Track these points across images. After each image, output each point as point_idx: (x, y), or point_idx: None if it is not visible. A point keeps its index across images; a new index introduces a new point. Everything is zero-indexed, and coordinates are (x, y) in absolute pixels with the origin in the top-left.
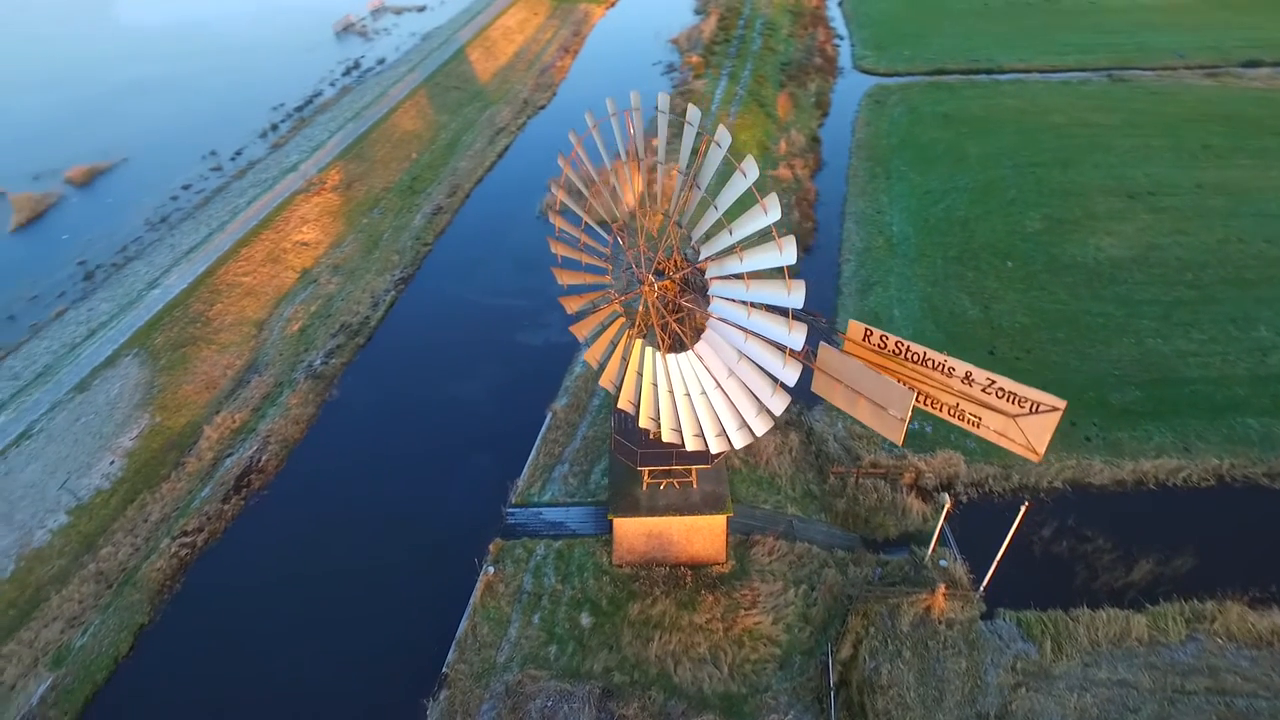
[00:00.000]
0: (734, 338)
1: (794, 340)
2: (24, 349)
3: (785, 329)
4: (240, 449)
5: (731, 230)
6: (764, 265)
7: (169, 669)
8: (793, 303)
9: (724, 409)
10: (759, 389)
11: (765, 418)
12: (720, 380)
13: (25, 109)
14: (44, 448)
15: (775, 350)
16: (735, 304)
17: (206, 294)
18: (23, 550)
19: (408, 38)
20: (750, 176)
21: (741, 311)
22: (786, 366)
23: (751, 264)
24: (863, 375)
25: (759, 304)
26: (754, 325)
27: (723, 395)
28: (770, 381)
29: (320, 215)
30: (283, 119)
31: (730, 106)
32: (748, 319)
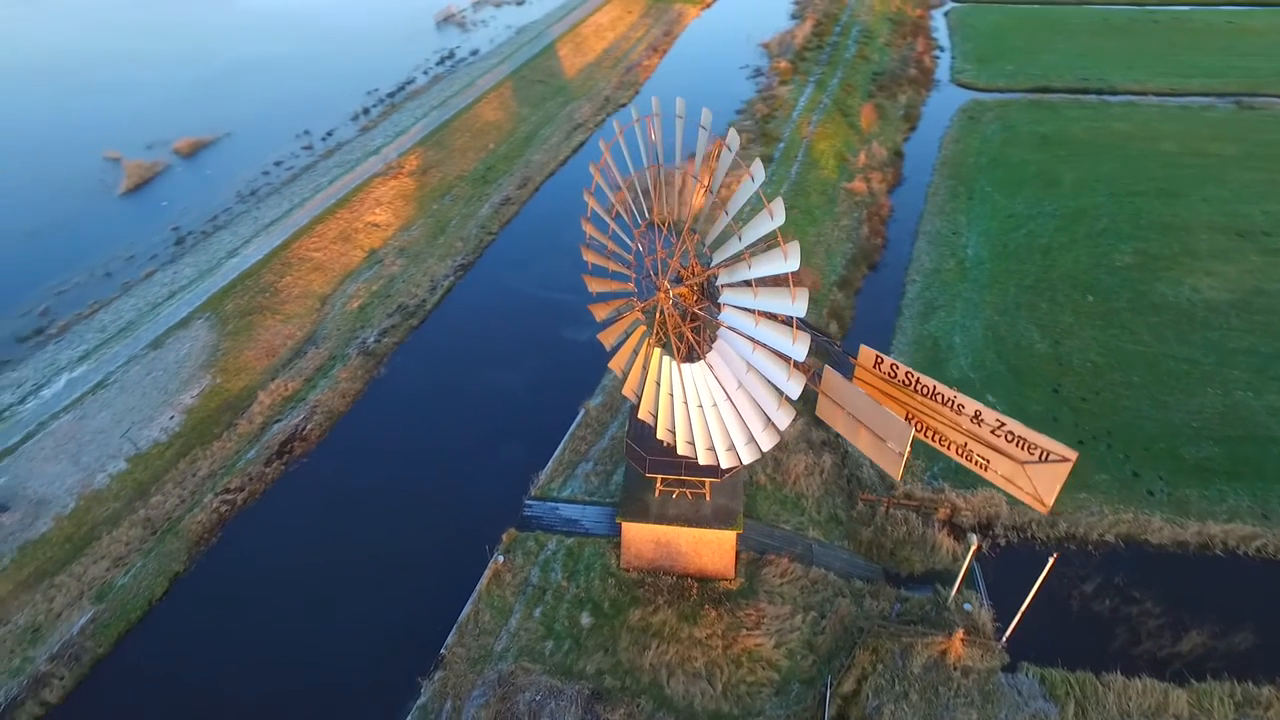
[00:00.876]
0: (742, 348)
1: (797, 351)
2: (114, 305)
3: (789, 339)
4: (288, 416)
5: (741, 236)
6: (771, 271)
7: (194, 617)
8: (795, 311)
9: (733, 422)
10: (765, 402)
11: (771, 432)
12: (730, 392)
13: (153, 84)
14: (115, 398)
15: (781, 361)
16: (743, 312)
17: (279, 266)
18: (84, 490)
19: (503, 30)
20: (757, 180)
21: (749, 320)
22: (791, 379)
23: (760, 270)
24: (864, 404)
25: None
26: (761, 335)
27: (732, 408)
28: (776, 394)
29: (394, 198)
30: (375, 103)
31: (812, 115)
32: (755, 328)
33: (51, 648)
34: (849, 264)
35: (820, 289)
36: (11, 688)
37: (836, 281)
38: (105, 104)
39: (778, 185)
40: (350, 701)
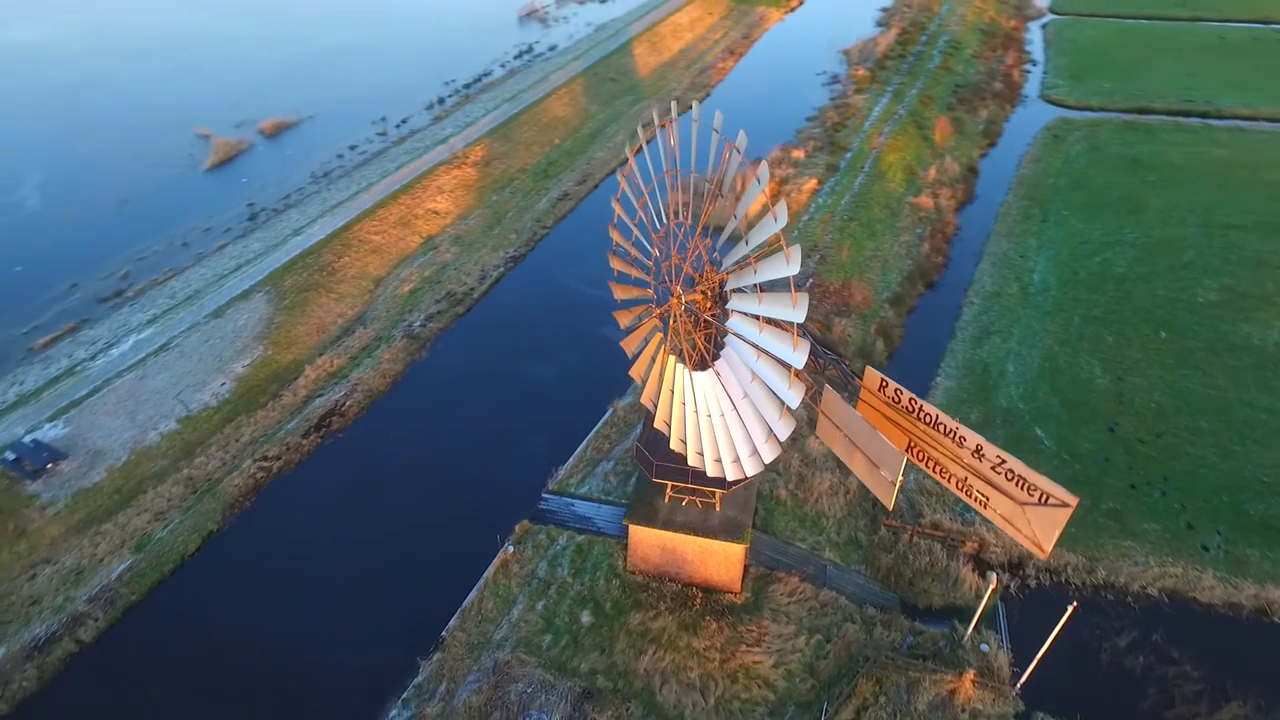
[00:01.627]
0: (747, 355)
1: (796, 358)
2: (186, 273)
3: (790, 346)
4: (330, 391)
5: (748, 240)
6: (775, 276)
7: (220, 575)
8: (794, 316)
9: (738, 433)
10: (768, 412)
11: (774, 444)
12: (736, 401)
13: (249, 66)
14: (175, 361)
15: (783, 369)
16: (749, 318)
17: (339, 246)
18: (136, 446)
19: (583, 27)
20: (763, 181)
21: (754, 327)
22: (791, 388)
23: (765, 275)
24: (860, 427)
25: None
26: (764, 341)
27: (738, 418)
28: (779, 404)
29: (456, 187)
30: (450, 94)
31: (885, 125)
32: (759, 334)
33: (91, 590)
34: (905, 281)
35: (871, 305)
36: (52, 623)
37: (889, 298)
38: (203, 84)
39: (838, 196)
40: (352, 672)
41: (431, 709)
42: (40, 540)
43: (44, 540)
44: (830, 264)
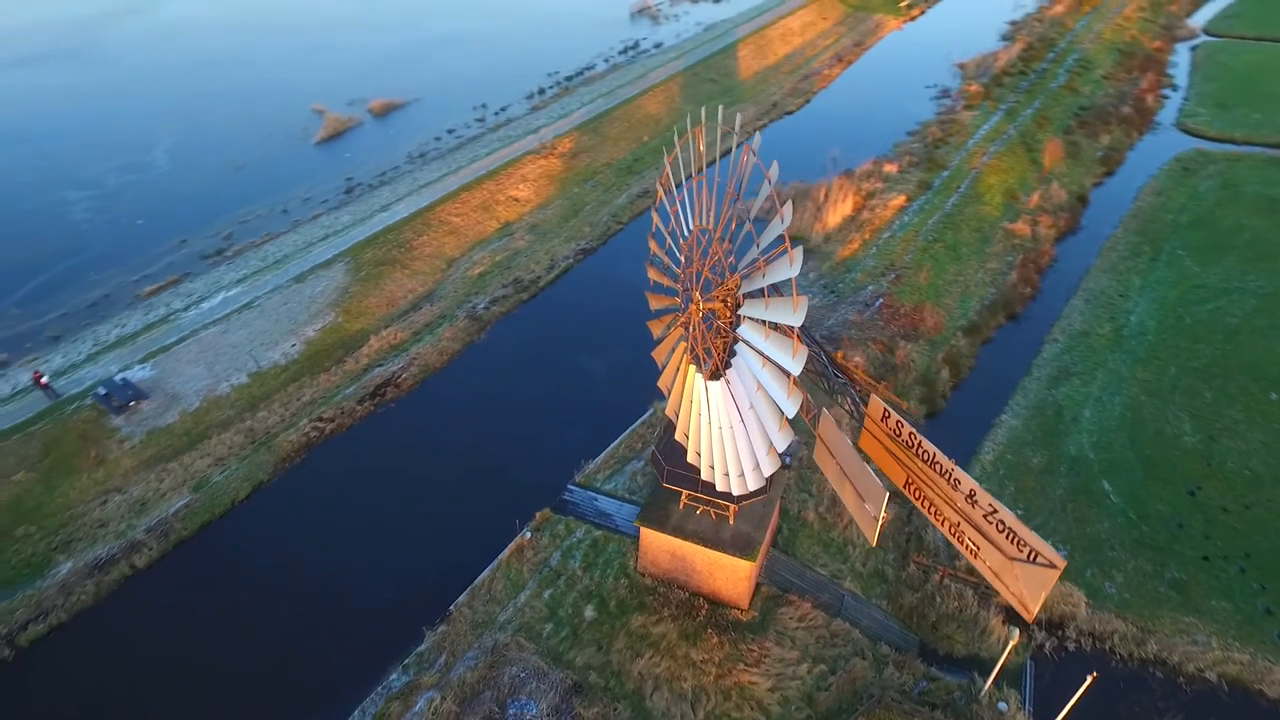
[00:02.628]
0: (753, 363)
1: (794, 365)
2: (281, 239)
3: (790, 352)
4: (389, 362)
5: (760, 242)
6: (780, 278)
7: (262, 523)
8: (794, 320)
9: (744, 446)
10: (769, 424)
11: (773, 457)
12: (743, 412)
13: (369, 47)
14: (254, 320)
15: (783, 377)
16: (756, 324)
17: (419, 225)
18: (208, 394)
19: (692, 26)
20: (785, 221)
21: (761, 333)
22: (790, 397)
23: (772, 278)
24: (850, 457)
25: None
26: (768, 348)
27: (744, 430)
28: (779, 414)
29: (539, 177)
30: (551, 85)
31: (991, 145)
32: (765, 340)
33: (150, 521)
34: (984, 310)
35: (942, 331)
36: (113, 547)
37: (964, 327)
38: (326, 63)
39: (926, 215)
40: (364, 629)
41: (428, 678)
42: (115, 470)
43: (118, 470)
44: (905, 285)
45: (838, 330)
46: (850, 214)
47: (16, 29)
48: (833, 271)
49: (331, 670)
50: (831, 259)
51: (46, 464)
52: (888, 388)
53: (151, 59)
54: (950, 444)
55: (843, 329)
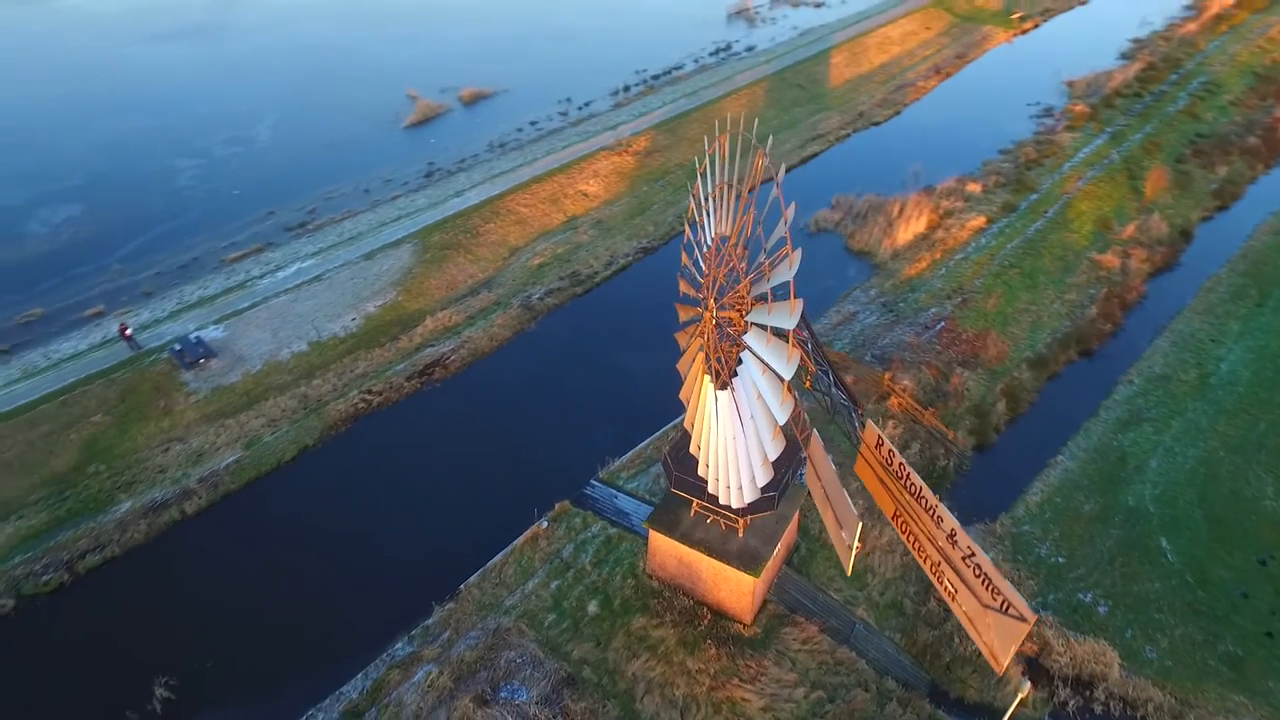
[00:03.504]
0: (754, 370)
1: (787, 370)
2: (358, 217)
3: (784, 356)
4: (440, 344)
5: (767, 249)
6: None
7: (303, 485)
8: (787, 324)
9: (743, 457)
10: (764, 433)
11: (766, 467)
12: (744, 421)
13: (470, 38)
14: (322, 292)
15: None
16: (759, 330)
17: (488, 212)
18: (270, 359)
19: (788, 30)
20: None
21: (762, 340)
22: (783, 404)
23: (774, 282)
24: (832, 481)
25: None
26: (767, 354)
27: (744, 439)
28: (773, 423)
29: (610, 173)
30: (637, 83)
31: (1088, 170)
32: (766, 347)
33: (203, 472)
34: (1055, 343)
35: (1005, 361)
36: (168, 492)
37: (1030, 358)
38: (426, 50)
39: (1005, 239)
40: (379, 597)
41: (430, 651)
42: (179, 421)
43: (182, 422)
44: (970, 310)
45: (890, 351)
46: (923, 232)
47: (162, 6)
48: (895, 290)
49: (344, 631)
50: (896, 277)
51: (122, 409)
52: (935, 414)
53: (271, 40)
54: (996, 480)
55: (896, 350)
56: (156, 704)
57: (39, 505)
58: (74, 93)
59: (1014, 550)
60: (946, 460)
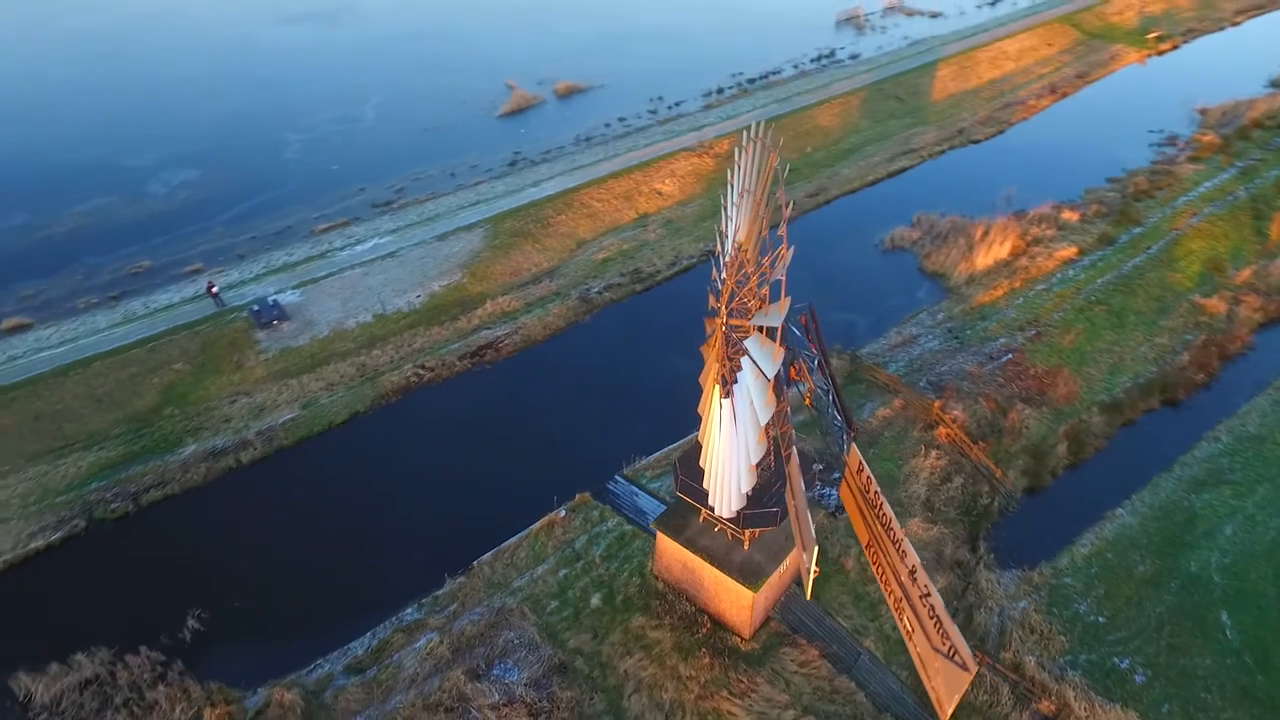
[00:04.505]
0: (749, 375)
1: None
2: (440, 199)
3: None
4: (496, 327)
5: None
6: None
7: (348, 448)
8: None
9: (732, 461)
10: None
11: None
12: (736, 425)
13: (577, 33)
14: (393, 268)
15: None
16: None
17: (561, 204)
18: (337, 327)
19: (898, 39)
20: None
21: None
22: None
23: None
24: (801, 502)
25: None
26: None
27: (734, 445)
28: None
29: (687, 174)
30: (730, 86)
31: (1205, 206)
32: (760, 349)
33: (261, 426)
34: (1136, 389)
35: (1074, 402)
36: (228, 441)
37: (1104, 402)
38: (531, 42)
39: (1096, 273)
40: (398, 563)
41: (435, 620)
42: (248, 377)
43: (250, 377)
44: (1043, 345)
45: (947, 378)
46: (1006, 258)
47: None
48: (964, 316)
49: (362, 590)
50: (967, 303)
51: (200, 360)
52: (985, 449)
53: (392, 25)
54: (1044, 526)
55: (954, 378)
56: (186, 633)
57: (118, 440)
58: (207, 67)
59: (1049, 602)
60: (990, 499)
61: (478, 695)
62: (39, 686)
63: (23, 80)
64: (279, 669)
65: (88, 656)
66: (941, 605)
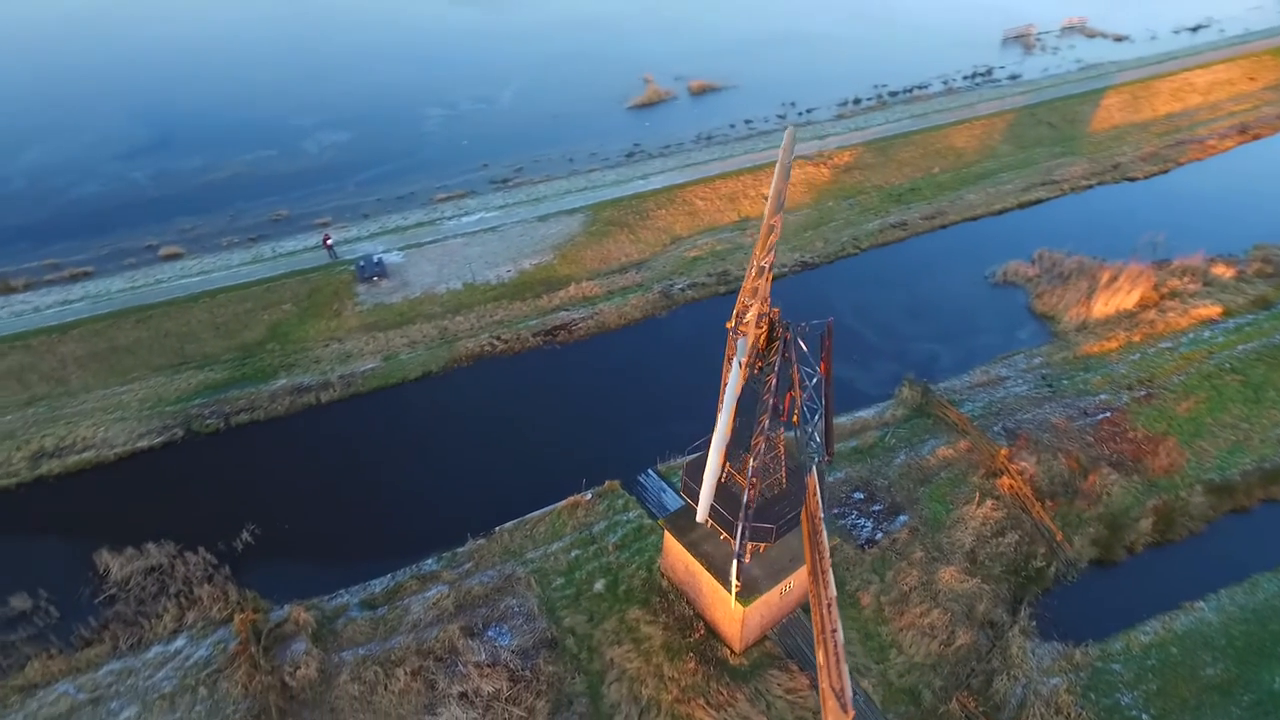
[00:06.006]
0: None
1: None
2: (553, 182)
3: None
4: (573, 310)
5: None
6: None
7: (416, 404)
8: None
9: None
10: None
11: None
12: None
13: (723, 32)
14: (492, 242)
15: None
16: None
17: (663, 199)
18: (428, 290)
19: (1068, 62)
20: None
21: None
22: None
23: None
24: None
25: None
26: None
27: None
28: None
29: (799, 182)
30: (869, 97)
31: None
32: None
33: (343, 371)
34: (1258, 474)
35: (1174, 477)
36: (314, 380)
37: (1213, 482)
38: (676, 39)
39: (1237, 339)
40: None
41: (448, 575)
42: (343, 325)
43: (344, 326)
44: (1152, 409)
45: (1025, 425)
46: (1130, 308)
47: None
48: (1065, 364)
49: (393, 534)
50: (1072, 350)
51: (305, 304)
52: (1052, 508)
53: (548, 13)
54: (1103, 602)
55: (1033, 428)
56: (239, 543)
57: (225, 364)
58: (376, 42)
59: (1088, 685)
60: (1046, 562)
61: (467, 651)
62: (115, 564)
63: (219, 47)
64: (305, 590)
65: (157, 547)
66: (841, 646)
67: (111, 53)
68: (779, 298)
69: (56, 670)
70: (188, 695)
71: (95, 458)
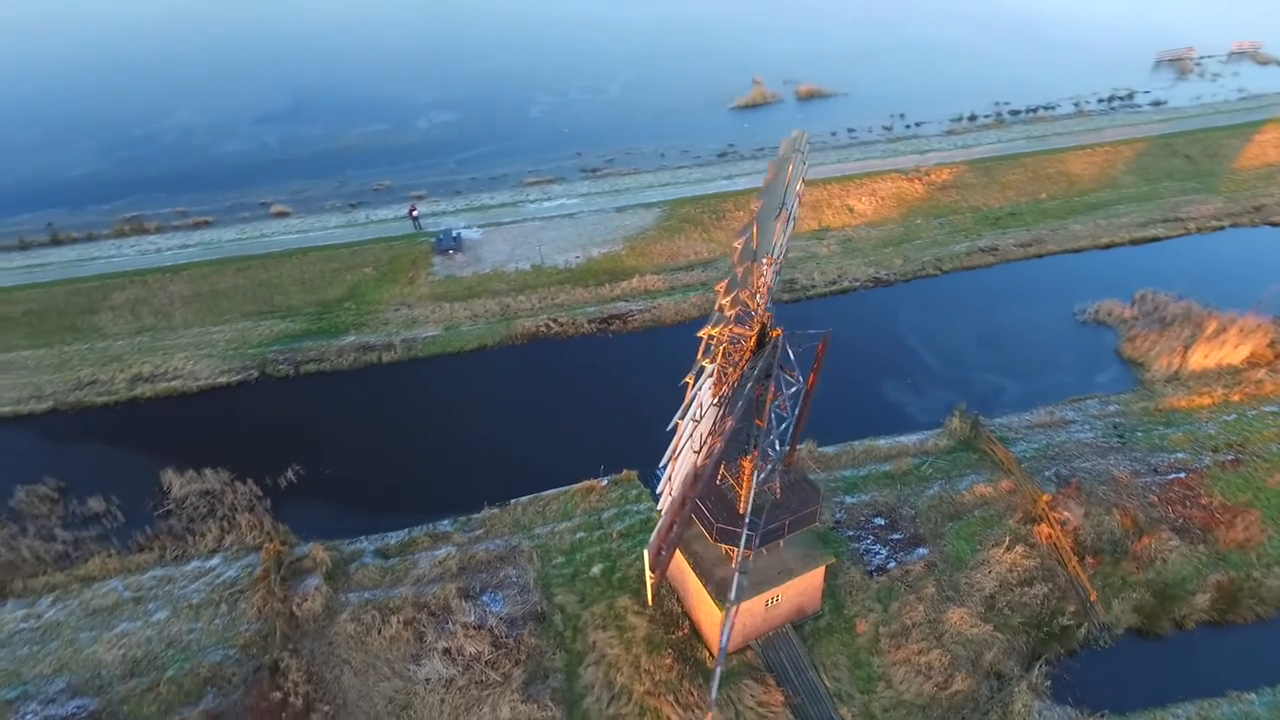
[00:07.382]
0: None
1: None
2: (639, 175)
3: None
4: (632, 302)
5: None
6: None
7: (465, 374)
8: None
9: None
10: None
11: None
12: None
13: (841, 37)
14: (567, 227)
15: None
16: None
17: (743, 200)
18: (499, 267)
19: (1228, 90)
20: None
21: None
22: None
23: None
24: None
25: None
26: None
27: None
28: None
29: (889, 196)
30: (986, 114)
31: None
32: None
33: (407, 334)
34: None
35: (1248, 551)
36: (379, 340)
37: None
38: (791, 42)
39: None
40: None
41: (459, 537)
42: (415, 292)
43: (416, 293)
44: (1238, 475)
45: (1080, 474)
46: (1235, 364)
47: None
48: (1143, 416)
49: (419, 491)
50: (1155, 402)
51: (384, 269)
52: (1092, 565)
53: (663, 9)
54: (1138, 675)
55: (1090, 478)
56: (283, 480)
57: (304, 317)
58: (499, 28)
59: None
60: (1076, 622)
61: (459, 611)
62: (177, 484)
63: (358, 28)
64: (330, 532)
65: (214, 474)
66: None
67: (265, 28)
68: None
69: (112, 568)
70: (210, 609)
71: (181, 386)
